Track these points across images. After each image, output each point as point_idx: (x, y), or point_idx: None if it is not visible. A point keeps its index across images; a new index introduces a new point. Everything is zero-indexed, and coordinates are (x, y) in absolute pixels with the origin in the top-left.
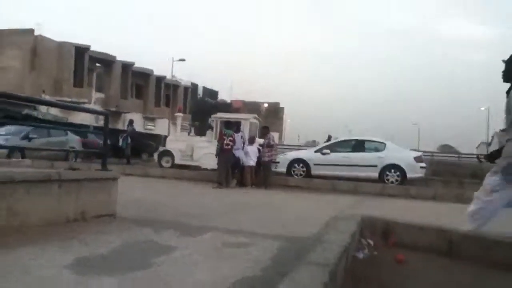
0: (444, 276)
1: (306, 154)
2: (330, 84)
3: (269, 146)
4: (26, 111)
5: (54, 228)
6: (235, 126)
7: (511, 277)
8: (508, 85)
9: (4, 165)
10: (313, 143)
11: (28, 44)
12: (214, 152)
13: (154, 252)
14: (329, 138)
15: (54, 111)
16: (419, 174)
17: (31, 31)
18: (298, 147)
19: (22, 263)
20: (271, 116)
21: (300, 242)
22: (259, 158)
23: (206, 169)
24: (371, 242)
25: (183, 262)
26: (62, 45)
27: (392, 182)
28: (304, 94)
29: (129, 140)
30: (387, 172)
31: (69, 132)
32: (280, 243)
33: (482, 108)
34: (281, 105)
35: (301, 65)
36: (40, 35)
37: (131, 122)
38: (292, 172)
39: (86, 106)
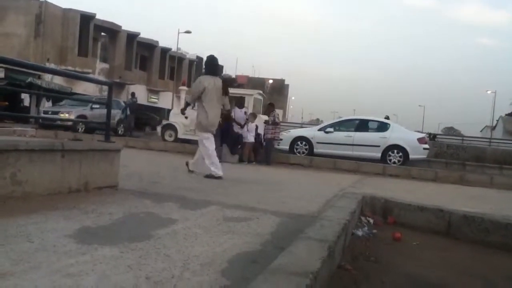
0: (441, 255)
1: (309, 132)
2: (337, 63)
3: (274, 123)
4: (30, 79)
5: (57, 198)
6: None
7: (508, 257)
8: None
9: (9, 134)
10: (317, 122)
11: (33, 10)
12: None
13: (155, 224)
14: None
15: (58, 80)
16: (422, 155)
17: None
18: (301, 125)
19: (25, 231)
20: (275, 93)
21: (300, 218)
22: (258, 135)
23: None
24: (371, 221)
25: (183, 234)
26: (67, 12)
27: (394, 163)
28: (310, 72)
29: (128, 111)
30: (390, 153)
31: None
32: (280, 219)
33: (489, 92)
34: (286, 82)
35: (310, 42)
36: (46, 1)
37: (133, 94)
38: (295, 150)
39: (90, 76)
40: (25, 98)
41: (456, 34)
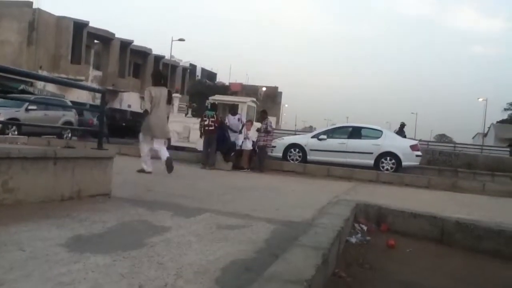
0: (434, 262)
1: (303, 139)
2: (330, 71)
3: (266, 131)
4: (22, 86)
5: (49, 206)
6: (219, 107)
7: (500, 264)
8: None
9: (1, 142)
10: (310, 129)
11: (27, 17)
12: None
13: (148, 232)
14: (403, 126)
15: (51, 87)
16: (415, 162)
17: (29, 3)
18: (295, 132)
19: (17, 240)
20: (269, 100)
21: (295, 226)
22: (253, 142)
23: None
24: (365, 228)
25: (177, 242)
26: (60, 20)
27: (387, 170)
28: (303, 79)
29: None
30: (383, 160)
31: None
32: (274, 226)
33: (480, 99)
34: (279, 90)
35: (303, 50)
36: (39, 8)
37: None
38: (288, 157)
39: (84, 83)
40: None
41: (448, 42)
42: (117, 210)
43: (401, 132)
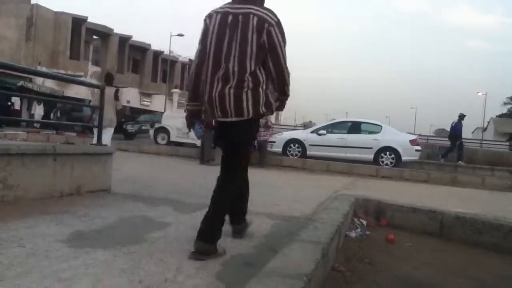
0: (434, 256)
1: (302, 134)
2: (329, 66)
3: (266, 126)
4: (21, 82)
5: (49, 202)
6: None
7: (500, 258)
8: None
9: (0, 138)
10: (309, 124)
11: (25, 13)
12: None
13: (148, 227)
14: (462, 117)
15: (49, 83)
16: (414, 157)
17: None
18: (294, 128)
19: (17, 236)
20: None
21: (294, 221)
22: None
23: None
24: (364, 222)
25: (177, 238)
26: (59, 16)
27: (386, 165)
28: (302, 74)
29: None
30: (382, 155)
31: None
32: (274, 221)
33: (479, 94)
34: None
35: (300, 44)
36: (37, 4)
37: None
38: (288, 152)
39: (82, 79)
40: (16, 101)
41: (447, 36)
42: (117, 206)
43: (459, 123)
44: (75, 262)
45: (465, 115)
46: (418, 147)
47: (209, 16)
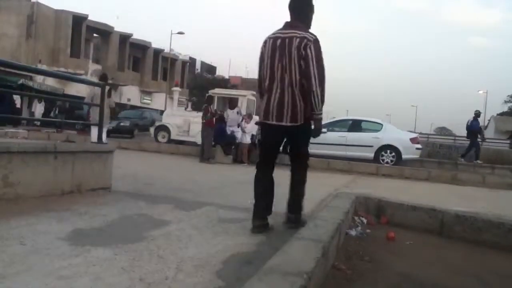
0: (434, 254)
1: None
2: (329, 64)
3: None
4: (21, 80)
5: (50, 200)
6: (219, 101)
7: (500, 256)
8: None
9: (1, 136)
10: None
11: (25, 11)
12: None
13: (149, 225)
14: (478, 114)
15: (50, 81)
16: (415, 155)
17: None
18: None
19: (18, 234)
20: None
21: None
22: (252, 136)
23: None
24: (364, 220)
25: (177, 236)
26: (59, 13)
27: (387, 163)
28: None
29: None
30: (383, 153)
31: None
32: (274, 219)
33: (480, 92)
34: None
35: None
36: (38, 2)
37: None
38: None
39: (83, 77)
40: (17, 99)
41: (447, 34)
42: (117, 204)
43: (475, 121)
44: (75, 260)
45: (481, 113)
46: (419, 145)
47: (264, 42)
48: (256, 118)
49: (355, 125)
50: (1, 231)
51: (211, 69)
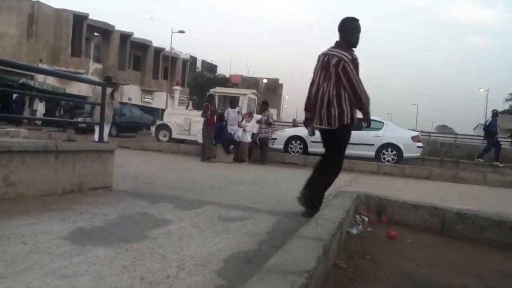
0: (435, 253)
1: (304, 131)
2: None
3: (267, 123)
4: (22, 80)
5: (51, 199)
6: (220, 100)
7: (501, 254)
8: None
9: (2, 135)
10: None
11: (26, 10)
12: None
13: (150, 224)
14: (496, 114)
15: (51, 80)
16: (416, 153)
17: None
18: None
19: (19, 233)
20: (270, 92)
21: (296, 217)
22: (252, 135)
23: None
24: (366, 219)
25: (178, 235)
26: (60, 12)
27: (388, 161)
28: (304, 71)
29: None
30: (384, 151)
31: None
32: (276, 218)
33: (481, 90)
34: (280, 82)
35: (303, 40)
36: (38, 1)
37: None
38: (289, 149)
39: (84, 76)
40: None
41: (448, 32)
42: (118, 203)
43: (494, 121)
44: (76, 259)
45: (499, 112)
46: (420, 144)
47: (318, 56)
48: (257, 116)
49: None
50: (2, 230)
51: (212, 68)
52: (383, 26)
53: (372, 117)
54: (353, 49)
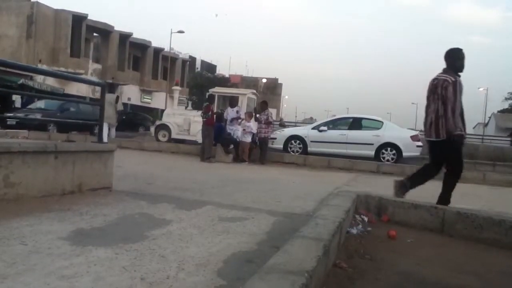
0: (435, 252)
1: (303, 131)
2: (330, 62)
3: (267, 123)
4: (21, 80)
5: (51, 200)
6: (219, 100)
7: (501, 254)
8: None
9: (1, 136)
10: (310, 120)
11: (25, 11)
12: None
13: (150, 225)
14: None
15: (50, 81)
16: (415, 152)
17: None
18: (295, 124)
19: (19, 234)
20: (269, 92)
21: (295, 217)
22: (253, 134)
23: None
24: (365, 218)
25: (178, 235)
26: (59, 13)
27: (388, 161)
28: (303, 70)
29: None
30: (383, 151)
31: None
32: (275, 218)
33: (481, 89)
34: (279, 81)
35: (302, 41)
36: (37, 1)
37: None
38: (289, 149)
39: (83, 77)
40: (17, 99)
41: (448, 32)
42: (118, 204)
43: None
44: (77, 260)
45: (498, 111)
46: (419, 143)
47: (429, 82)
48: (257, 115)
49: (356, 123)
50: (2, 231)
51: (211, 67)
52: (383, 25)
53: (371, 117)
54: (459, 73)
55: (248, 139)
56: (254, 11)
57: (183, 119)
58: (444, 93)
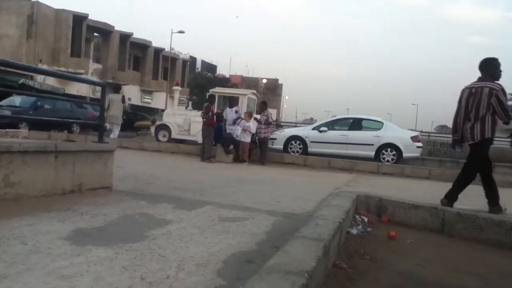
0: (435, 252)
1: (303, 131)
2: (330, 63)
3: (267, 123)
4: (22, 80)
5: (51, 200)
6: (219, 100)
7: (501, 254)
8: None
9: (1, 136)
10: (310, 121)
11: (25, 11)
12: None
13: (150, 225)
14: None
15: (51, 81)
16: (416, 153)
17: None
18: (296, 124)
19: (19, 234)
20: (269, 92)
21: (295, 218)
22: (252, 135)
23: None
24: (365, 219)
25: (178, 235)
26: (59, 13)
27: (388, 161)
28: (303, 70)
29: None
30: (384, 151)
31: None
32: (276, 218)
33: None
34: (279, 82)
35: (303, 41)
36: (38, 1)
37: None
38: (289, 149)
39: (83, 77)
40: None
41: (448, 32)
42: (118, 203)
43: None
44: (77, 259)
45: None
46: (420, 144)
47: (462, 90)
48: (257, 116)
49: (356, 124)
50: (2, 231)
51: (211, 68)
52: (383, 25)
53: (371, 117)
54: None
55: (248, 139)
56: (254, 11)
57: (183, 119)
58: (495, 100)
